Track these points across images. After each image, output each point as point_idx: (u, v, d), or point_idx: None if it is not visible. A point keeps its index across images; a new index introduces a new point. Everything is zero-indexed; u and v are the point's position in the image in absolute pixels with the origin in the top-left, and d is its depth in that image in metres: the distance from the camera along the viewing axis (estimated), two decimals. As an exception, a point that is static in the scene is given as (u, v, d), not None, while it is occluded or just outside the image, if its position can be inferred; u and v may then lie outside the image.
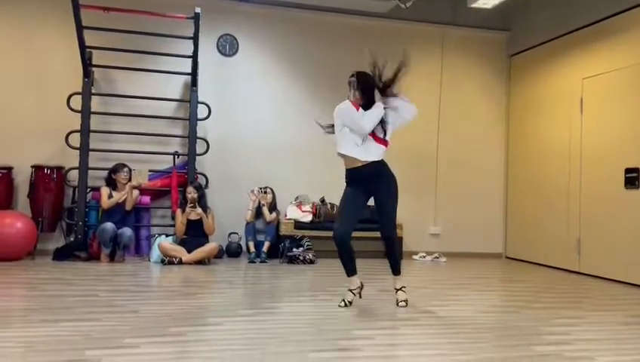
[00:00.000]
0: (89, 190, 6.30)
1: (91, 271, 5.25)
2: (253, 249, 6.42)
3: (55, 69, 6.51)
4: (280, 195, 6.83)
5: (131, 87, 6.67)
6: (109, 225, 5.84)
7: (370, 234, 6.20)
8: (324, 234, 6.25)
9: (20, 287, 4.56)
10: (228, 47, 7.12)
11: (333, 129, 4.10)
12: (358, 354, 2.90)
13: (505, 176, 7.94)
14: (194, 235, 6.11)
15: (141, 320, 3.42)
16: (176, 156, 6.55)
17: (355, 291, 4.09)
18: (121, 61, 6.47)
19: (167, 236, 6.22)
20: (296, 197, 6.99)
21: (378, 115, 3.97)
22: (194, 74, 6.53)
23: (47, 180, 6.16)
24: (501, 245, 7.91)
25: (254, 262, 6.23)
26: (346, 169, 4.07)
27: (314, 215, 6.83)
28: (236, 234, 6.74)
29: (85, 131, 6.18)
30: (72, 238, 6.19)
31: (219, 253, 6.27)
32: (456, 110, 7.79)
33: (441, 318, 3.81)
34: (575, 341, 3.31)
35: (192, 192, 6.13)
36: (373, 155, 3.98)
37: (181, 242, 6.08)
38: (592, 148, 6.29)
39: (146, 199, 6.55)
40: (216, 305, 4.03)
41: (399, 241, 6.98)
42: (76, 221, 6.13)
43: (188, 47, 6.41)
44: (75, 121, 6.20)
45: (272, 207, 6.66)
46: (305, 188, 7.06)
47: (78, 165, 6.18)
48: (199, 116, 6.61)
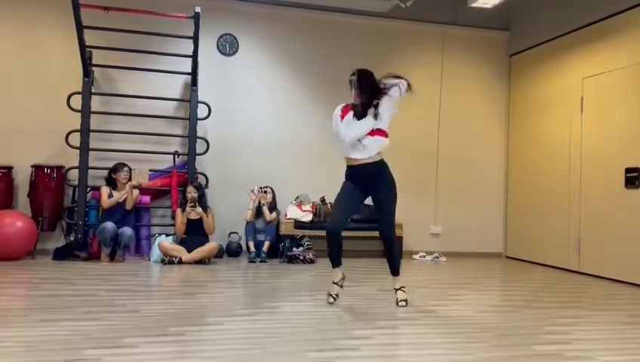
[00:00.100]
0: (89, 189, 6.30)
1: (91, 271, 5.25)
2: (253, 248, 6.42)
3: (55, 68, 6.51)
4: (280, 195, 6.83)
5: (131, 86, 6.67)
6: (109, 224, 5.85)
7: (370, 233, 6.22)
8: (324, 233, 6.20)
9: (20, 287, 4.56)
10: (228, 46, 7.12)
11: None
12: (357, 353, 2.90)
13: (505, 176, 7.94)
14: (194, 235, 6.11)
15: (141, 319, 3.42)
16: (177, 156, 6.56)
17: (340, 283, 4.13)
18: (121, 60, 6.47)
19: (167, 236, 6.22)
20: (297, 197, 6.99)
21: (366, 128, 3.93)
22: (194, 73, 6.53)
23: (48, 180, 6.16)
24: (501, 245, 7.91)
25: (254, 262, 6.24)
26: (347, 165, 4.10)
27: (314, 214, 6.83)
28: (236, 233, 6.74)
29: (85, 131, 6.18)
30: (72, 238, 6.19)
31: (219, 253, 6.27)
32: (457, 109, 7.79)
33: (441, 318, 3.81)
34: (575, 340, 3.31)
35: (192, 192, 6.13)
36: (371, 150, 3.96)
37: (181, 242, 6.08)
38: (593, 148, 6.28)
39: (146, 199, 6.54)
40: (216, 304, 4.02)
41: (399, 241, 7.03)
42: (76, 220, 6.13)
43: (188, 47, 6.41)
44: (75, 121, 6.20)
45: (272, 207, 6.67)
46: (305, 187, 7.06)
47: (78, 164, 6.18)
48: (199, 116, 6.61)
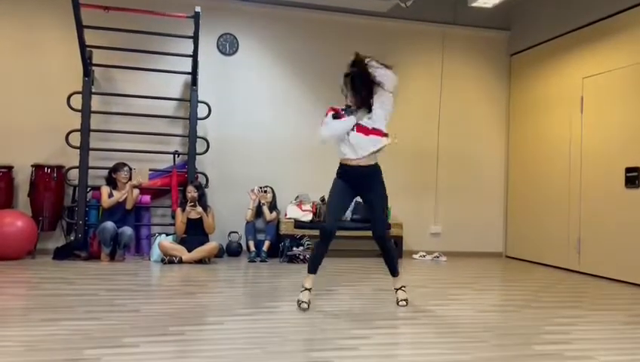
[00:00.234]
0: (89, 189, 6.30)
1: (91, 271, 5.26)
2: (253, 248, 6.42)
3: (55, 68, 6.51)
4: (280, 194, 6.83)
5: (131, 86, 6.67)
6: (109, 224, 5.85)
7: (368, 233, 6.19)
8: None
9: (20, 286, 4.57)
10: (228, 46, 7.12)
11: None
12: (357, 353, 2.90)
13: (505, 176, 7.94)
14: (194, 234, 6.11)
15: (141, 319, 3.43)
16: (177, 155, 6.56)
17: (311, 290, 3.95)
18: (122, 60, 6.47)
19: (167, 235, 6.22)
20: (297, 197, 6.99)
21: (341, 128, 3.89)
22: (194, 73, 6.53)
23: (48, 179, 6.16)
24: (501, 244, 7.91)
25: (254, 261, 6.24)
26: (341, 163, 4.04)
27: (314, 214, 6.83)
28: (236, 233, 6.74)
29: (85, 130, 6.18)
30: (72, 237, 6.19)
31: (219, 252, 6.27)
32: (457, 109, 7.79)
33: (441, 317, 3.81)
34: (575, 340, 3.31)
35: (192, 191, 6.13)
36: (365, 150, 3.89)
37: (181, 241, 6.08)
38: (593, 148, 6.28)
39: (147, 198, 6.54)
40: (217, 304, 4.02)
41: (400, 241, 7.06)
42: (76, 220, 6.13)
43: (188, 47, 6.41)
44: (76, 120, 6.20)
45: (272, 206, 6.67)
46: (305, 187, 7.06)
47: (78, 164, 6.18)
48: (199, 115, 6.61)
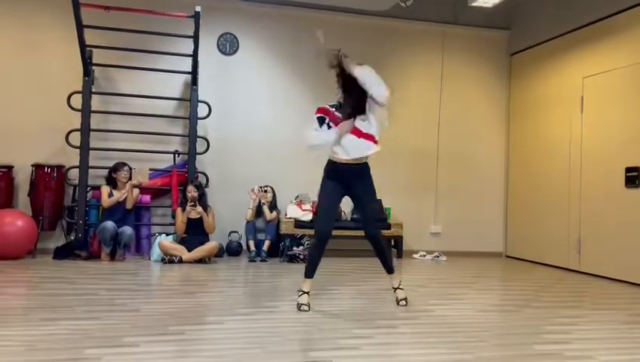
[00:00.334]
0: (89, 189, 6.30)
1: (92, 270, 5.26)
2: (253, 248, 6.42)
3: (55, 67, 6.51)
4: (280, 194, 6.83)
5: (131, 85, 6.67)
6: (109, 223, 5.85)
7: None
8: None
9: (21, 286, 4.57)
10: (228, 45, 7.12)
11: None
12: (357, 352, 2.90)
13: (505, 175, 7.94)
14: (194, 234, 6.11)
15: (141, 318, 3.43)
16: (177, 155, 6.56)
17: (310, 293, 3.91)
18: (122, 60, 6.47)
19: (167, 235, 6.23)
20: (297, 196, 6.99)
21: (324, 141, 3.89)
22: (194, 73, 6.53)
23: (48, 179, 6.16)
24: (501, 244, 7.91)
25: (254, 261, 6.24)
26: (329, 160, 4.00)
27: (314, 214, 6.82)
28: (236, 232, 6.74)
29: (85, 130, 6.18)
30: (72, 237, 6.19)
31: (219, 252, 6.27)
32: (457, 109, 7.79)
33: (441, 317, 3.81)
34: (575, 340, 3.31)
35: (192, 191, 6.13)
36: (357, 152, 3.86)
37: (181, 241, 6.08)
38: (593, 147, 6.28)
39: (147, 198, 6.54)
40: (217, 303, 4.02)
41: (400, 241, 7.07)
42: (77, 220, 6.13)
43: (188, 46, 6.41)
44: (76, 120, 6.20)
45: (273, 206, 6.67)
46: (305, 186, 7.05)
47: (78, 164, 6.18)
48: (199, 115, 6.61)
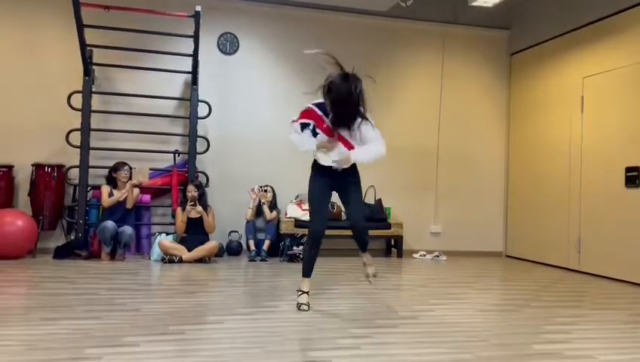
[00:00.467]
0: (89, 188, 6.30)
1: (92, 270, 5.26)
2: (253, 247, 6.42)
3: (55, 67, 6.51)
4: (280, 194, 6.83)
5: (132, 85, 6.67)
6: (109, 223, 5.85)
7: (370, 232, 6.19)
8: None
9: (21, 285, 4.57)
10: (228, 45, 7.12)
11: None
12: (357, 352, 2.90)
13: (505, 175, 7.94)
14: (194, 233, 6.11)
15: (141, 318, 3.43)
16: (177, 154, 6.56)
17: (309, 293, 3.89)
18: (122, 59, 6.47)
19: (167, 234, 6.23)
20: (297, 196, 6.98)
21: (306, 146, 4.02)
22: (194, 72, 6.53)
23: (48, 178, 6.16)
24: (501, 244, 7.91)
25: (255, 261, 6.24)
26: (315, 159, 4.03)
27: (314, 214, 6.82)
28: (236, 232, 6.75)
29: (86, 130, 6.18)
30: (72, 237, 6.19)
31: (219, 252, 6.27)
32: (457, 108, 7.79)
33: (441, 317, 3.81)
34: (575, 339, 3.31)
35: (192, 191, 6.13)
36: (341, 163, 3.87)
37: (181, 240, 6.09)
38: (593, 147, 6.28)
39: (147, 197, 6.55)
40: (217, 303, 4.03)
41: (400, 240, 7.07)
42: (77, 219, 6.13)
43: (188, 46, 6.41)
44: (76, 120, 6.20)
45: (273, 206, 6.67)
46: (305, 186, 6.96)
47: (78, 163, 6.18)
48: (200, 115, 6.61)
